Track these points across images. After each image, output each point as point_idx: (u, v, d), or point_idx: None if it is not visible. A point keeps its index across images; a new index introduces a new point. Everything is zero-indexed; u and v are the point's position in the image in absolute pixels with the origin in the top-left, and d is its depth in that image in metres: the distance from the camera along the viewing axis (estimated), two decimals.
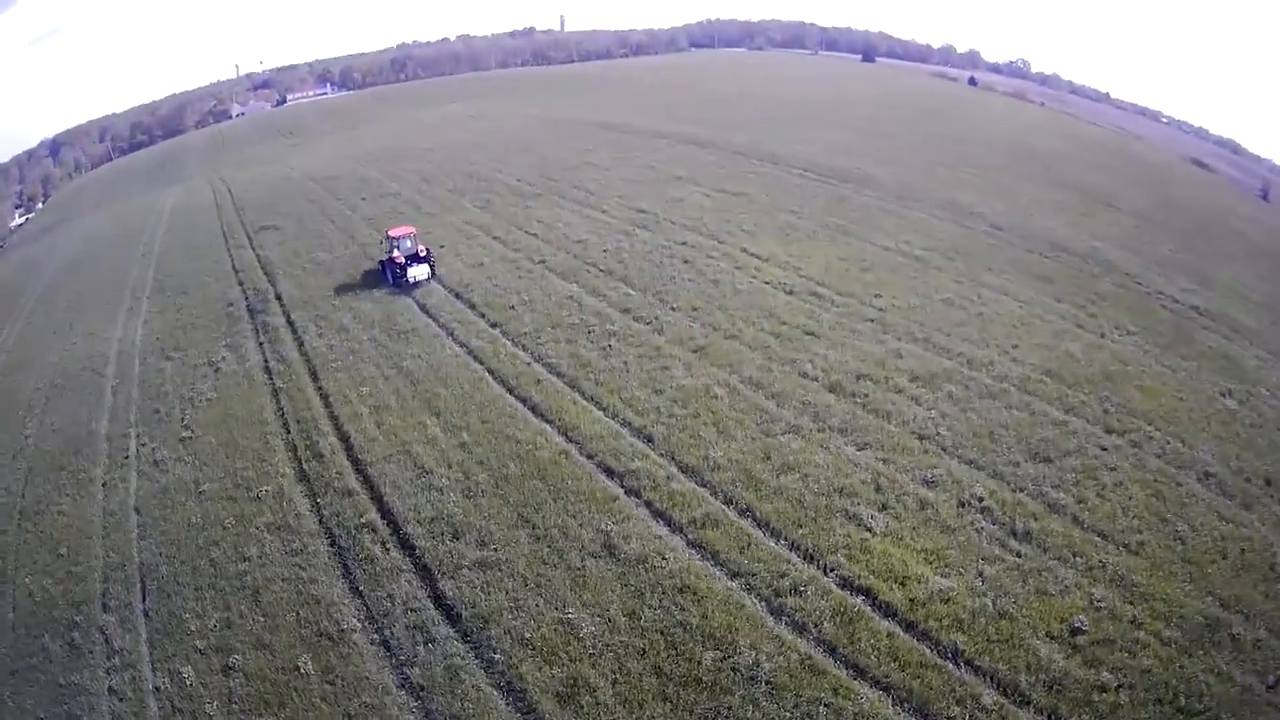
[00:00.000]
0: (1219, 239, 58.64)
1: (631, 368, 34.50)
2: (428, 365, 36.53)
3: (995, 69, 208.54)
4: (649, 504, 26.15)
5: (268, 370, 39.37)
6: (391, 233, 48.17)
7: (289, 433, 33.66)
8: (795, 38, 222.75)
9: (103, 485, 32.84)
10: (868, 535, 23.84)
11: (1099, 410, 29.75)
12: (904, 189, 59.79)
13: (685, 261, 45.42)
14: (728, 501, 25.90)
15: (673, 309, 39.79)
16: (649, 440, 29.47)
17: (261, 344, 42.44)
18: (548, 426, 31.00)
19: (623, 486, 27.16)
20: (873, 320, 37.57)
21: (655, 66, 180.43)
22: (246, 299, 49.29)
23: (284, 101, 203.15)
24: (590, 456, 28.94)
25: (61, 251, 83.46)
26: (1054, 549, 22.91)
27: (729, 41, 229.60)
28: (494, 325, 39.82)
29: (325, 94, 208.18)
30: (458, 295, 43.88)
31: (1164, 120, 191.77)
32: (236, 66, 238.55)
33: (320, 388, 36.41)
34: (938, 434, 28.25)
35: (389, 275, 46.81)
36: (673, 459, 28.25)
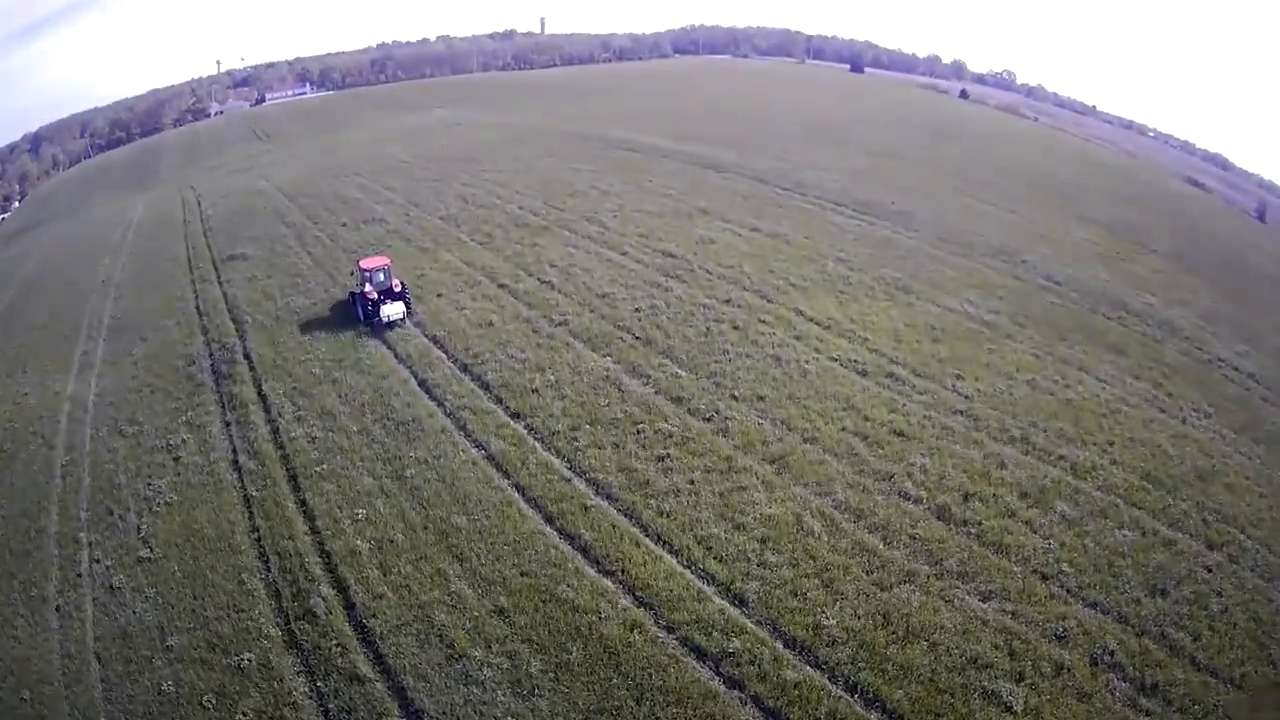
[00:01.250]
0: (1248, 282, 56.95)
1: (700, 489, 27.10)
2: (438, 477, 28.49)
3: (981, 80, 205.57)
4: (758, 701, 20.09)
5: (237, 466, 31.16)
6: (363, 264, 41.69)
7: (269, 570, 25.83)
8: (780, 45, 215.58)
9: (56, 610, 26.11)
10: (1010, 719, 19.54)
11: (1199, 521, 26.27)
12: (944, 229, 53.95)
13: (735, 328, 37.83)
14: (851, 689, 20.38)
15: (734, 398, 32.34)
16: (742, 603, 22.73)
17: (229, 425, 34.11)
18: (608, 582, 23.64)
19: (720, 675, 20.72)
20: (962, 412, 31.55)
21: (644, 73, 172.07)
22: (211, 355, 40.79)
23: (262, 100, 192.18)
24: (671, 630, 21.98)
25: (25, 267, 73.67)
26: (1177, 699, 20.23)
27: (714, 48, 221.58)
28: (516, 416, 31.81)
29: (304, 94, 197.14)
30: (465, 369, 35.65)
31: (1151, 135, 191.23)
32: (218, 63, 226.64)
33: (304, 503, 28.30)
34: (1060, 571, 23.61)
35: (359, 311, 40.70)
36: (776, 630, 21.84)
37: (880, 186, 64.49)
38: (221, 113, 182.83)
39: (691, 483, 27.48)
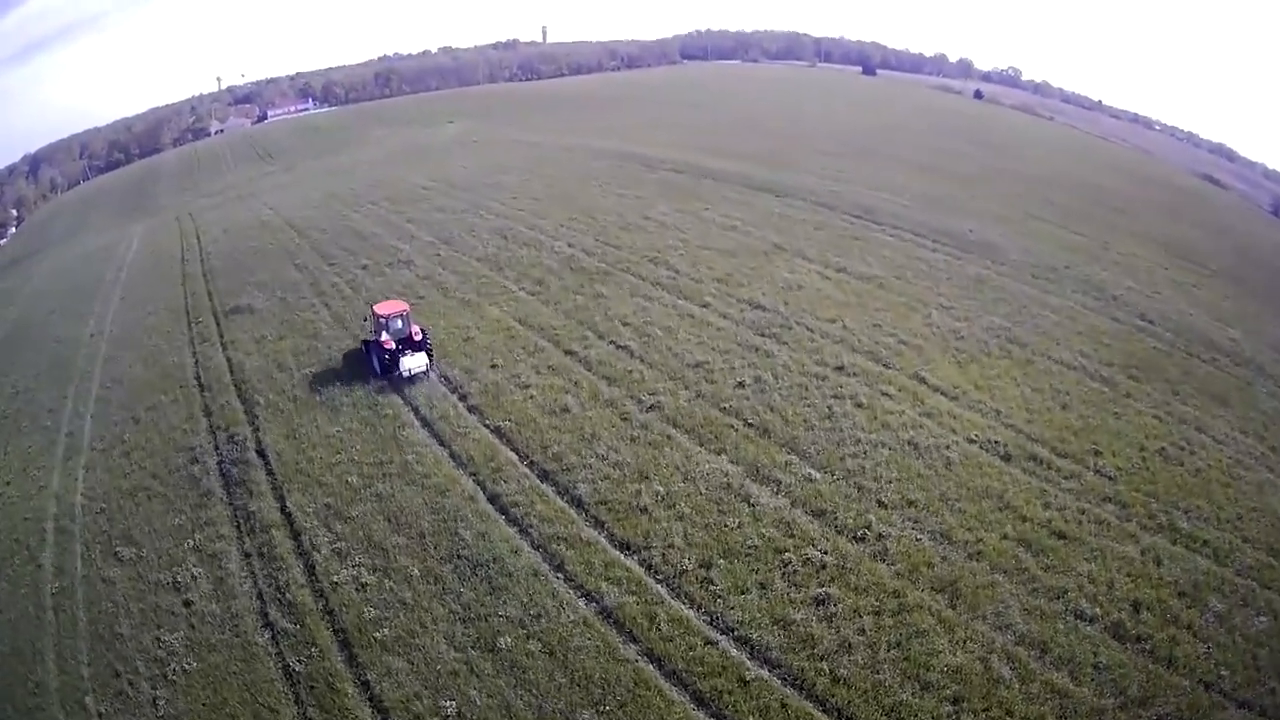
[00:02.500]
0: None
1: (875, 640, 21.07)
2: (543, 647, 21.32)
3: (987, 78, 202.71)
4: None
5: (267, 622, 23.83)
6: (379, 310, 36.51)
7: None
8: (789, 49, 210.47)
9: None
10: None
11: None
12: (1028, 259, 48.89)
13: (859, 405, 30.97)
14: None
15: (881, 505, 25.77)
16: None
17: (248, 556, 26.61)
18: None
19: None
20: (1110, 499, 27.07)
21: (657, 82, 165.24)
22: (217, 449, 32.99)
23: (264, 117, 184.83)
24: None
25: (11, 311, 66.02)
26: None
27: (722, 53, 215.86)
28: (626, 549, 24.54)
29: (307, 109, 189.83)
30: (547, 477, 28.16)
31: (1157, 128, 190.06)
32: (218, 79, 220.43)
33: (366, 684, 21.09)
34: (1219, 676, 20.76)
35: (375, 362, 35.90)
36: None
37: (947, 210, 58.84)
38: (222, 131, 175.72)
39: (862, 632, 21.32)
